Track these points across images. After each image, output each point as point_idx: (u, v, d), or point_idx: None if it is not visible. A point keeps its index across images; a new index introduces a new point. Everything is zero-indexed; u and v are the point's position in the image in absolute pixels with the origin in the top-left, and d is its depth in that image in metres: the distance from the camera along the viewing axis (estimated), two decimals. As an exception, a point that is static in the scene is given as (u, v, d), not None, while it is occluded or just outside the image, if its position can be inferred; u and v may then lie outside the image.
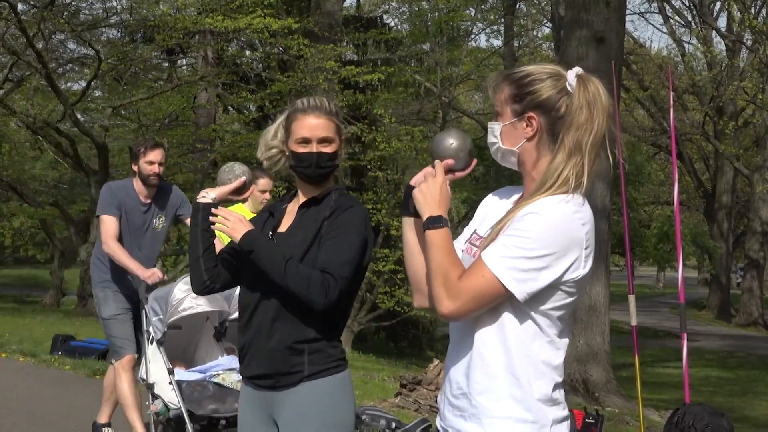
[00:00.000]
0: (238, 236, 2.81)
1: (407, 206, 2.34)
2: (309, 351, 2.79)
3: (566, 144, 2.16)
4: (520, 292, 2.08)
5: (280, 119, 2.99)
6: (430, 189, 2.22)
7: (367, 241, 2.87)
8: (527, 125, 2.20)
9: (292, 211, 2.97)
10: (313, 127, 2.86)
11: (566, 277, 2.11)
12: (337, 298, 2.74)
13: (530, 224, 2.08)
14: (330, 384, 2.81)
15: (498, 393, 2.13)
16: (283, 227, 2.94)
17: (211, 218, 2.90)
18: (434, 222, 2.17)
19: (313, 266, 2.77)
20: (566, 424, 2.19)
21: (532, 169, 2.22)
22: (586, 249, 2.13)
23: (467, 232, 2.38)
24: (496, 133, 2.25)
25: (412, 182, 2.35)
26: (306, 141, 2.87)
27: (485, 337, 2.15)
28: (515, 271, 2.07)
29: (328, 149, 2.88)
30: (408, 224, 2.36)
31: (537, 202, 2.12)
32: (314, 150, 2.87)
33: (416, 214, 2.33)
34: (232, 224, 2.84)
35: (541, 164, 2.21)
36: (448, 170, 2.32)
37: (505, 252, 2.08)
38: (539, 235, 2.07)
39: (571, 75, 2.22)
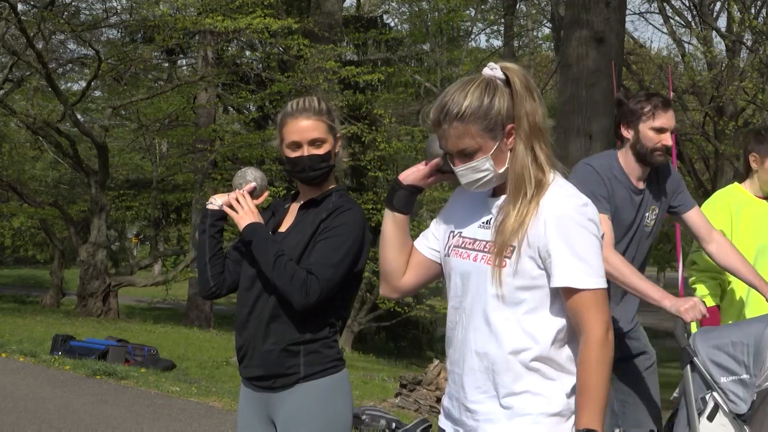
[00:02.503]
0: (243, 224, 2.85)
1: (391, 201, 2.38)
2: (305, 352, 2.79)
3: (525, 133, 2.18)
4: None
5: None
6: None
7: (363, 243, 2.85)
8: (507, 138, 2.21)
9: (293, 210, 2.97)
10: (302, 130, 2.82)
11: None
12: (318, 300, 2.73)
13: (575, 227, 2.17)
14: (326, 384, 2.81)
15: (528, 392, 2.17)
16: (283, 227, 2.94)
17: (229, 194, 2.92)
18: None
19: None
20: None
21: (501, 167, 2.22)
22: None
23: (440, 230, 2.38)
24: (483, 167, 2.20)
25: (401, 177, 2.38)
26: (297, 145, 2.84)
27: (512, 338, 2.17)
28: (597, 270, 2.17)
29: (320, 150, 2.84)
30: (389, 217, 2.39)
31: (558, 202, 2.17)
32: (305, 153, 2.84)
33: (399, 209, 2.37)
34: (243, 212, 2.87)
35: (510, 161, 2.21)
36: (437, 170, 2.34)
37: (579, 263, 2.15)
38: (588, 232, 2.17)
39: (496, 72, 2.21)
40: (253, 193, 2.98)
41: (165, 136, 23.98)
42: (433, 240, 2.40)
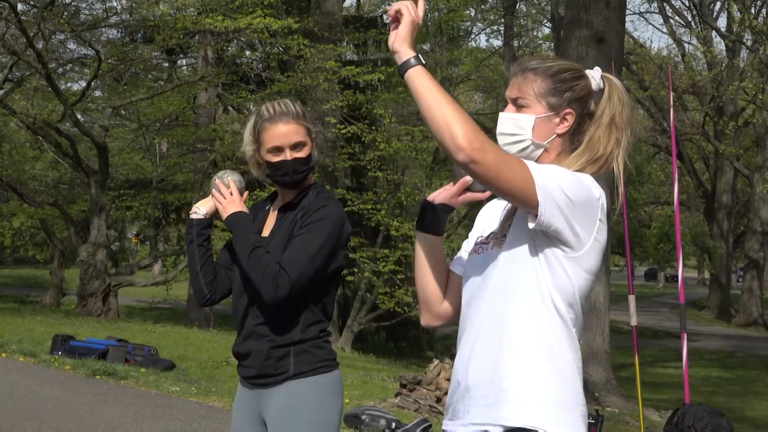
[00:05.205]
0: (227, 213, 2.88)
1: (422, 222, 2.33)
2: (295, 352, 2.83)
3: (603, 141, 2.19)
4: (541, 209, 2.02)
5: (249, 127, 2.95)
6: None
7: (339, 239, 2.85)
8: (562, 121, 2.20)
9: (273, 213, 2.99)
10: (283, 134, 2.84)
11: (581, 233, 2.08)
12: (289, 295, 2.74)
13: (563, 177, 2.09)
14: (315, 383, 2.83)
15: (530, 378, 2.09)
16: (265, 231, 2.96)
17: (217, 181, 2.93)
18: (405, 65, 2.06)
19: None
20: (587, 423, 2.20)
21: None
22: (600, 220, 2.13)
23: (469, 246, 2.37)
24: (524, 125, 2.20)
25: (429, 198, 2.34)
26: (279, 149, 2.86)
27: (512, 317, 2.11)
28: (547, 188, 2.03)
29: (301, 154, 2.86)
30: (421, 240, 2.35)
31: None
32: (288, 157, 2.85)
33: (431, 231, 2.33)
34: (227, 202, 2.90)
35: (561, 160, 2.20)
36: (466, 189, 2.31)
37: (549, 177, 2.05)
38: (571, 182, 2.07)
39: (597, 74, 2.24)
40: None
41: (165, 136, 23.99)
42: (465, 257, 2.36)
